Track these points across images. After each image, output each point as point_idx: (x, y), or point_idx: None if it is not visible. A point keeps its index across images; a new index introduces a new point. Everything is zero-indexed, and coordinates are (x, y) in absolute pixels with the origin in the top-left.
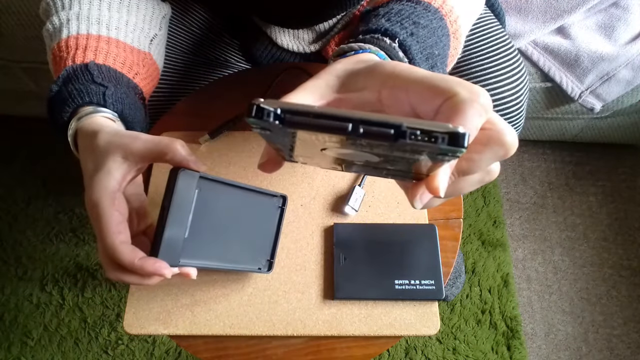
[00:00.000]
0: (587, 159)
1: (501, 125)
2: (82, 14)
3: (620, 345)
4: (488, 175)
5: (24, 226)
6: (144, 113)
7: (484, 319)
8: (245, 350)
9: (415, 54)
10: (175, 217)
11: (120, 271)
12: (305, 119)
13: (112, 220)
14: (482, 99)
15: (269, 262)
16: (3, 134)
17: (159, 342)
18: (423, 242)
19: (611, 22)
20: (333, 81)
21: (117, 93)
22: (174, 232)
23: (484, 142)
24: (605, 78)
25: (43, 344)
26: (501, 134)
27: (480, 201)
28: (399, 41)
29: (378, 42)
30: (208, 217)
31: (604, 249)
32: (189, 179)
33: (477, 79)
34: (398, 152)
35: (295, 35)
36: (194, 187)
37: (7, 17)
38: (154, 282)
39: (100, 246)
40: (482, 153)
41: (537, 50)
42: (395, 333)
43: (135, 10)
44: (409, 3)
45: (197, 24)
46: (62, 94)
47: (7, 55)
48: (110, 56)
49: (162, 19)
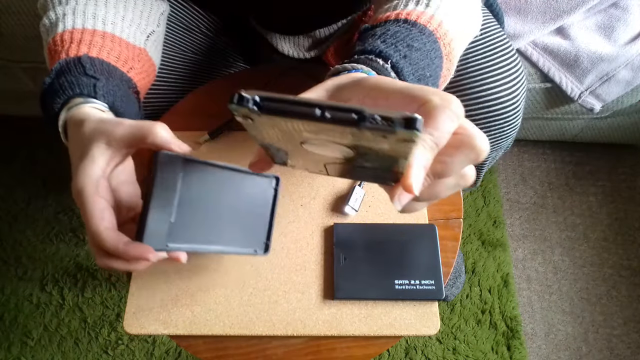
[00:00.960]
0: (587, 159)
1: (473, 130)
2: (78, 8)
3: (620, 345)
4: (463, 180)
5: (24, 226)
6: (137, 107)
7: (484, 319)
8: (245, 350)
9: (407, 75)
10: (159, 201)
11: (107, 257)
12: (279, 105)
13: (95, 206)
14: (454, 106)
15: (265, 244)
16: (3, 134)
17: (159, 342)
18: (423, 242)
19: (611, 23)
20: (323, 93)
21: (108, 85)
22: (158, 216)
23: (456, 146)
24: (605, 78)
25: (43, 344)
26: (472, 138)
27: (480, 201)
28: (391, 63)
29: (371, 63)
30: (197, 200)
31: (604, 249)
32: (171, 161)
33: (473, 79)
34: (364, 142)
35: (295, 42)
36: (178, 170)
37: (7, 17)
38: (142, 267)
39: (88, 233)
40: (454, 156)
41: (536, 51)
42: (395, 333)
43: (132, 6)
44: (405, 25)
45: (197, 24)
46: (54, 86)
47: (7, 55)
48: (104, 50)
49: (160, 16)
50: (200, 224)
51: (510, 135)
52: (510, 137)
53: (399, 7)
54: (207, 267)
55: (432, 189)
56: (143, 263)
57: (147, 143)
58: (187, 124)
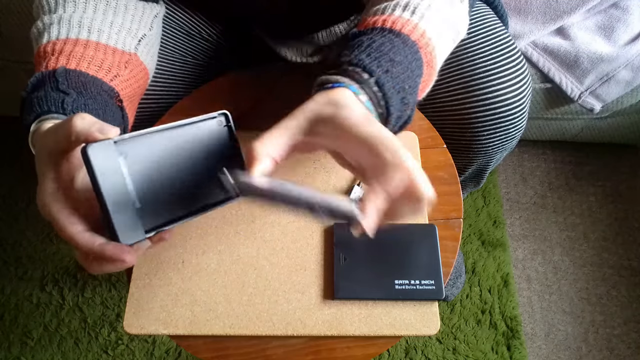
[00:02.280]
0: (587, 159)
1: (419, 181)
2: (64, 17)
3: (620, 345)
4: (416, 209)
5: (24, 226)
6: (120, 116)
7: (484, 319)
8: (245, 350)
9: (388, 89)
10: (112, 196)
11: (92, 261)
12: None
13: (61, 215)
14: (404, 163)
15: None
16: (3, 134)
17: (159, 342)
18: (423, 242)
19: (611, 23)
20: (304, 123)
21: (79, 100)
22: (120, 210)
23: (404, 195)
24: (605, 79)
25: (43, 344)
26: (416, 189)
27: (480, 201)
28: (374, 79)
29: (355, 76)
30: (152, 175)
31: (604, 249)
32: (102, 150)
33: (480, 81)
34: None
35: (297, 48)
36: (114, 156)
37: (7, 17)
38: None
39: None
40: (401, 202)
41: (536, 51)
42: (395, 333)
43: (123, 10)
44: (390, 35)
45: (198, 29)
46: (28, 99)
47: (7, 55)
48: (84, 60)
49: (153, 19)
50: (167, 197)
51: (516, 137)
52: (515, 138)
53: (386, 11)
54: (207, 267)
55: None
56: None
57: (72, 140)
58: None
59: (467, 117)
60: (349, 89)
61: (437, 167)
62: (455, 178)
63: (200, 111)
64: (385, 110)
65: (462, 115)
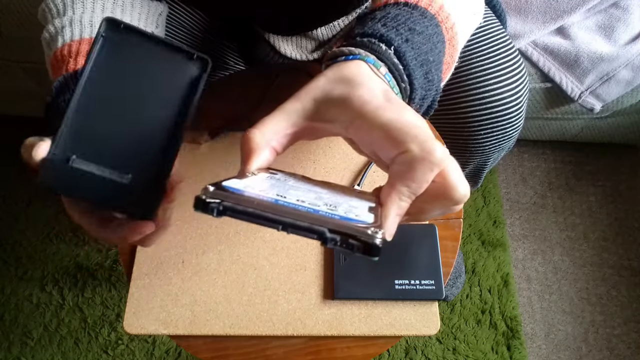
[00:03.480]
0: (587, 159)
1: (453, 179)
2: (75, 18)
3: (620, 345)
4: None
5: (24, 226)
6: None
7: (484, 319)
8: (245, 350)
9: (410, 60)
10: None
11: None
12: (243, 216)
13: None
14: (434, 157)
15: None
16: (3, 133)
17: (159, 342)
18: (423, 242)
19: (611, 23)
20: (309, 105)
21: None
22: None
23: (434, 195)
24: (605, 78)
25: (43, 344)
26: (452, 189)
27: (480, 201)
28: (394, 48)
29: (372, 47)
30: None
31: (604, 249)
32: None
33: (477, 80)
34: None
35: (297, 44)
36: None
37: (7, 17)
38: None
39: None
40: (432, 204)
41: (537, 51)
42: (395, 333)
43: (130, 9)
44: (406, 8)
45: (197, 25)
46: (54, 104)
47: (7, 55)
48: None
49: (158, 17)
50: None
51: (513, 137)
52: (513, 138)
53: None
54: (207, 267)
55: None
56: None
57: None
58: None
59: (464, 116)
60: (365, 62)
61: None
62: None
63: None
64: (409, 85)
65: (459, 114)
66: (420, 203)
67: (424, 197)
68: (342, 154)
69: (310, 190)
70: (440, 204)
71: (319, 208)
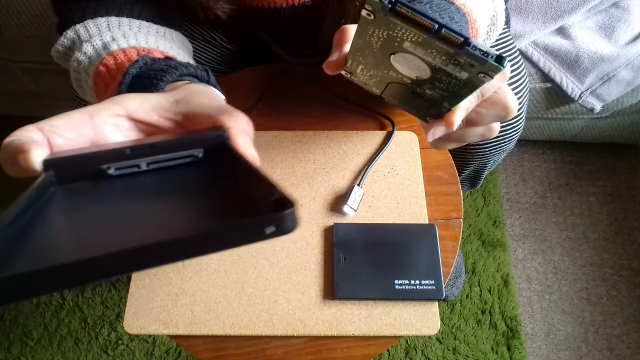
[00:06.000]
0: (587, 159)
1: (508, 93)
2: (129, 34)
3: (620, 345)
4: (489, 132)
5: None
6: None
7: (484, 319)
8: (245, 350)
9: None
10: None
11: None
12: (408, 11)
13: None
14: (505, 71)
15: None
16: (3, 134)
17: (159, 342)
18: (423, 242)
19: (611, 23)
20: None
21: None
22: None
23: (492, 102)
24: (606, 78)
25: (43, 344)
26: (506, 98)
27: (480, 201)
28: None
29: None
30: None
31: (604, 249)
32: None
33: None
34: (450, 66)
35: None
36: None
37: (7, 17)
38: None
39: None
40: (489, 110)
41: (537, 51)
42: (395, 333)
43: (179, 42)
44: (445, 2)
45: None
46: (152, 69)
47: (7, 55)
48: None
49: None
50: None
51: (513, 139)
52: (513, 140)
53: None
54: (207, 267)
55: (462, 131)
56: None
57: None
58: None
59: None
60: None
61: (437, 167)
62: (455, 178)
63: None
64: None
65: None
66: (480, 108)
67: (484, 104)
68: (342, 154)
69: None
70: (495, 111)
71: None
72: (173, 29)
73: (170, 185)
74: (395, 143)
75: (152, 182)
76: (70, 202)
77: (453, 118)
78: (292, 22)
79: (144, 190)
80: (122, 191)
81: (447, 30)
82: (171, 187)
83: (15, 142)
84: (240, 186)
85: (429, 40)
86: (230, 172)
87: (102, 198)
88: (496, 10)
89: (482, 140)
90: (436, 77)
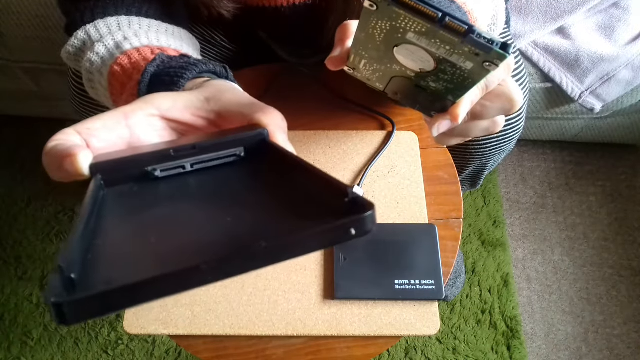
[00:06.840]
0: (587, 159)
1: (513, 85)
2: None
3: (620, 345)
4: (494, 125)
5: (24, 226)
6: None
7: (484, 319)
8: (245, 350)
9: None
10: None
11: None
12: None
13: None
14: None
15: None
16: (3, 134)
17: (159, 342)
18: (423, 242)
19: (611, 23)
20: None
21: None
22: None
23: (496, 94)
24: (606, 78)
25: (43, 344)
26: (511, 91)
27: (480, 201)
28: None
29: None
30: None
31: (604, 249)
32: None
33: None
34: (455, 56)
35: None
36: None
37: (7, 17)
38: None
39: None
40: (494, 102)
41: (537, 51)
42: (395, 333)
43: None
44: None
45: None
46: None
47: (7, 55)
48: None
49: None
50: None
51: (513, 139)
52: (513, 140)
53: None
54: None
55: (467, 125)
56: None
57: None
58: None
59: None
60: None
61: (437, 167)
62: (455, 178)
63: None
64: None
65: None
66: (484, 101)
67: (488, 97)
68: (342, 153)
69: None
70: (500, 103)
71: None
72: (180, 27)
73: (221, 186)
74: (395, 143)
75: (201, 183)
76: (125, 206)
77: (458, 111)
78: (292, 22)
79: (196, 191)
80: (174, 193)
81: (451, 18)
82: (223, 188)
83: (59, 147)
84: (300, 185)
85: (432, 30)
86: (281, 171)
87: (157, 201)
88: (496, 10)
89: (487, 135)
90: (440, 69)
